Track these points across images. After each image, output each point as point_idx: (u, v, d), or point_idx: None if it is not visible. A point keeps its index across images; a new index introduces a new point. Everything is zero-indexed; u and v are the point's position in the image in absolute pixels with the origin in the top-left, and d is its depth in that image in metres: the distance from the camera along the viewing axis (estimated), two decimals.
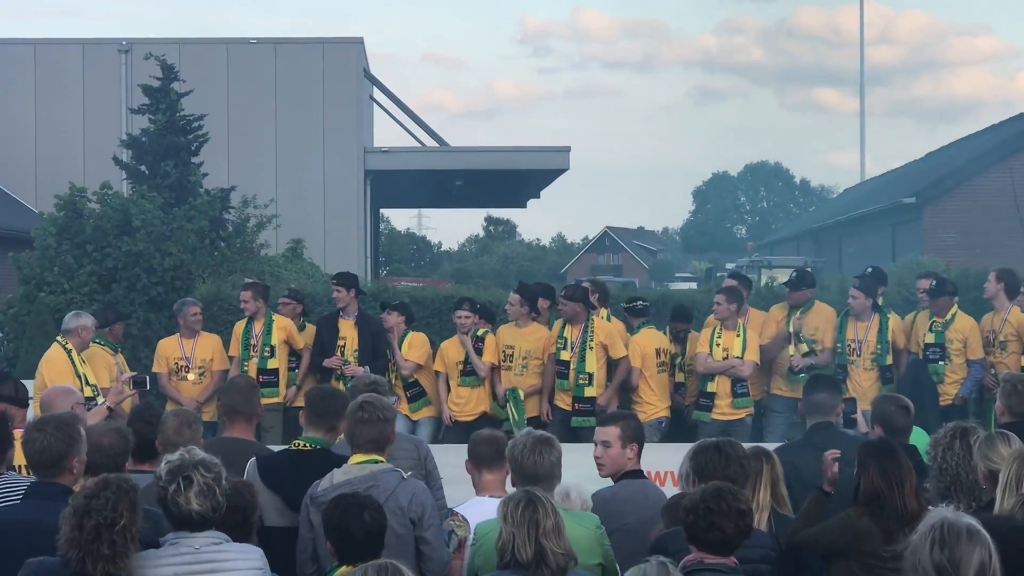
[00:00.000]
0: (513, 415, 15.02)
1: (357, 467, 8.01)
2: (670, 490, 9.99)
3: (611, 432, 8.91)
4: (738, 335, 15.26)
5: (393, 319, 15.83)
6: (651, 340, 15.62)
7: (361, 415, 8.09)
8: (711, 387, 15.26)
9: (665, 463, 12.16)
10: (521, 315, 15.52)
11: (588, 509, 8.23)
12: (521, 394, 15.18)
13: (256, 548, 6.80)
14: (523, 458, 7.76)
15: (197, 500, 6.51)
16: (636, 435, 8.94)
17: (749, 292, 16.79)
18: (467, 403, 15.40)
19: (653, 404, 15.40)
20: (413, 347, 15.72)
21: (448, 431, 15.31)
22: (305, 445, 8.71)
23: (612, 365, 15.38)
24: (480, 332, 15.46)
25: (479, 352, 15.32)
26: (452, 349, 15.56)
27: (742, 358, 15.20)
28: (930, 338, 15.29)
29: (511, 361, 15.40)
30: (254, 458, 8.66)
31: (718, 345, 15.24)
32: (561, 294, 15.60)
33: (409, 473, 8.19)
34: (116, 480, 6.33)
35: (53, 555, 6.48)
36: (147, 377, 13.74)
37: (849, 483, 7.93)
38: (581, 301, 15.20)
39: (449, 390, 15.52)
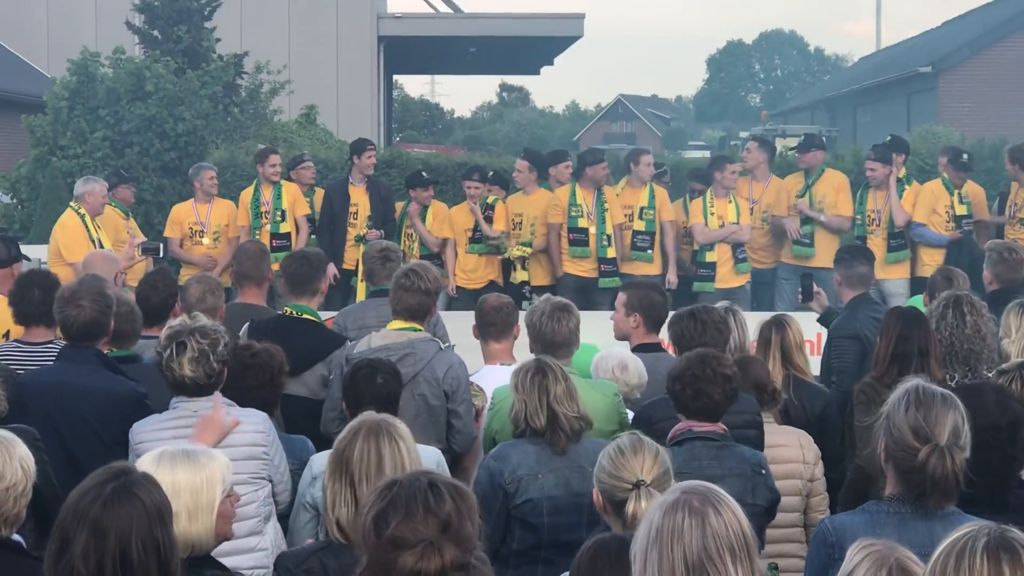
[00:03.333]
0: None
1: (396, 333, 8.04)
2: None
3: (620, 298, 8.92)
4: (730, 202, 15.32)
5: (429, 193, 15.81)
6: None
7: (404, 282, 8.12)
8: (711, 256, 15.29)
9: None
10: (529, 181, 15.55)
11: (644, 381, 8.15)
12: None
13: (259, 412, 6.85)
14: (541, 325, 7.76)
15: (190, 366, 6.57)
16: (641, 305, 8.77)
17: (772, 157, 16.74)
18: (475, 271, 15.45)
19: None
20: (438, 220, 15.68)
21: (455, 299, 15.32)
22: (294, 313, 8.80)
23: None
24: (491, 200, 15.47)
25: (489, 220, 15.33)
26: (461, 215, 15.57)
27: (738, 223, 15.25)
28: (962, 210, 15.09)
29: (519, 229, 15.43)
30: (248, 322, 8.73)
31: (712, 214, 15.27)
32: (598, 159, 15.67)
33: (447, 345, 8.24)
34: None
35: (85, 415, 6.64)
36: (160, 245, 13.82)
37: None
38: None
39: (456, 256, 15.56)
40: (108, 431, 7.02)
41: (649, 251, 15.38)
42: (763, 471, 6.53)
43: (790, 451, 7.59)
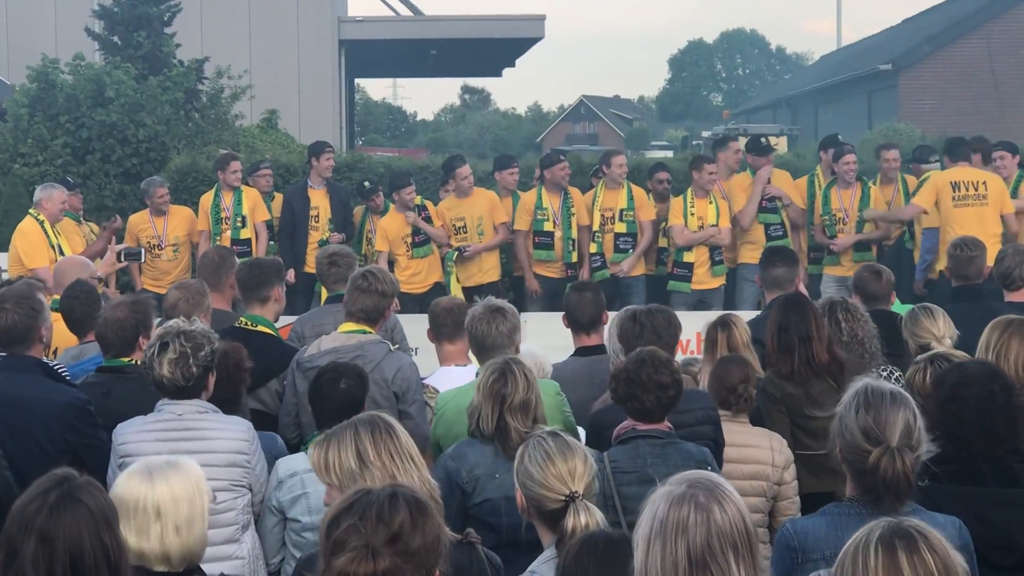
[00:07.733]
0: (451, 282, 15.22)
1: (345, 336, 8.05)
2: None
3: None
4: (711, 202, 15.18)
5: (379, 198, 15.80)
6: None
7: (360, 283, 8.11)
8: (688, 257, 15.19)
9: None
10: (471, 185, 15.60)
11: (547, 376, 8.13)
12: (454, 256, 15.31)
13: (244, 421, 6.87)
14: (474, 327, 7.74)
15: (168, 367, 6.60)
16: (565, 308, 8.66)
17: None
18: (417, 274, 15.29)
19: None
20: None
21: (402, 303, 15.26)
22: (248, 324, 8.75)
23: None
24: (418, 201, 15.51)
25: (428, 220, 15.38)
26: (394, 225, 15.41)
27: (717, 225, 15.20)
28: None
29: (464, 232, 15.39)
30: None
31: (692, 215, 15.15)
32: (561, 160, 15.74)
33: (396, 346, 8.22)
34: None
35: (27, 427, 6.57)
36: (141, 250, 13.84)
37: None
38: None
39: (391, 267, 15.02)
40: (52, 442, 6.94)
41: (631, 252, 15.39)
42: (708, 467, 6.40)
43: (760, 452, 7.52)
